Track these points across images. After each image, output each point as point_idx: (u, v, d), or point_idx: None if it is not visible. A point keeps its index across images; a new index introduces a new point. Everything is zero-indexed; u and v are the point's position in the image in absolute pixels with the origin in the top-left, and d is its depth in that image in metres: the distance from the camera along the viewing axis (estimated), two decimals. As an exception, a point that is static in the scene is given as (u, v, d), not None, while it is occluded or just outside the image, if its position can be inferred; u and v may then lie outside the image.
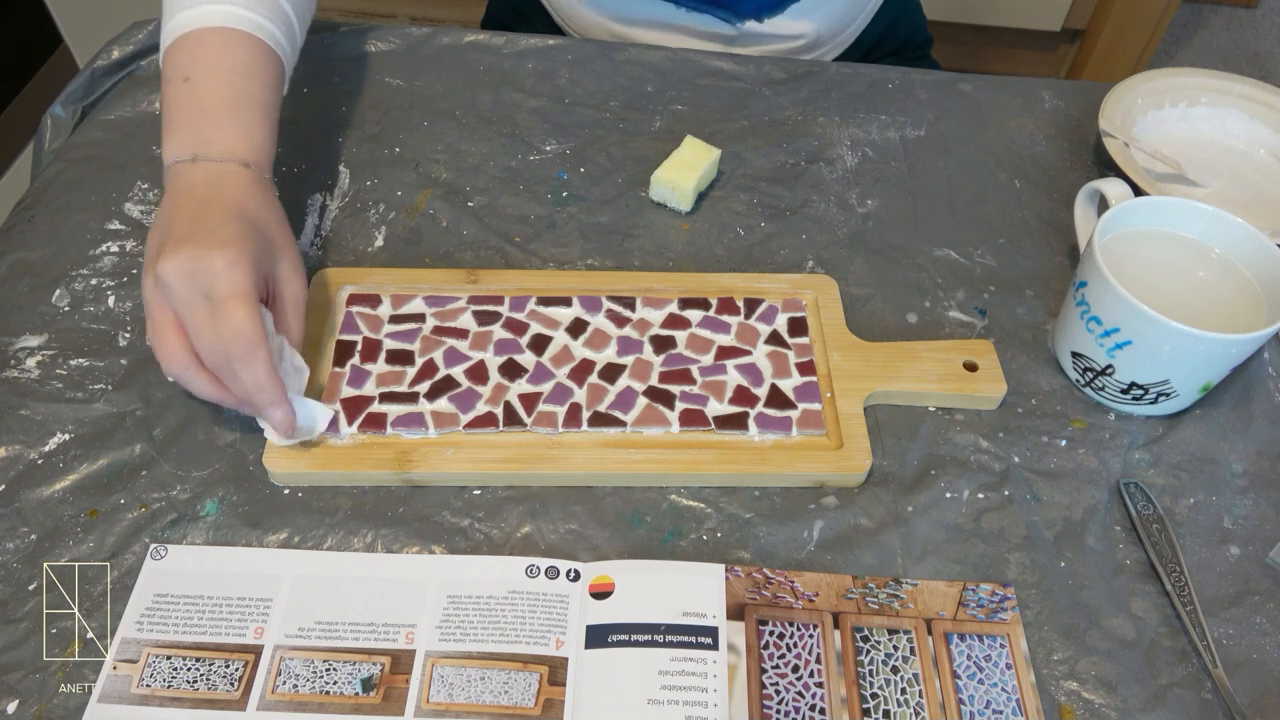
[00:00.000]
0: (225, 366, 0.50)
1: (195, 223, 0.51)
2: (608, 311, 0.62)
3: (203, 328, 0.49)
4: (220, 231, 0.51)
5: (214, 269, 0.49)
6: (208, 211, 0.52)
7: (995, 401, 0.60)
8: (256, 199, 0.55)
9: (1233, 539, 0.56)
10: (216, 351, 0.50)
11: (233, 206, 0.53)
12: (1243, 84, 0.76)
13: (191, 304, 0.49)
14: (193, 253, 0.49)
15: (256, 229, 0.53)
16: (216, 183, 0.54)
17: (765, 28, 0.83)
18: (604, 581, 0.51)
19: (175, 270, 0.49)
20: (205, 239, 0.50)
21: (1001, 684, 0.49)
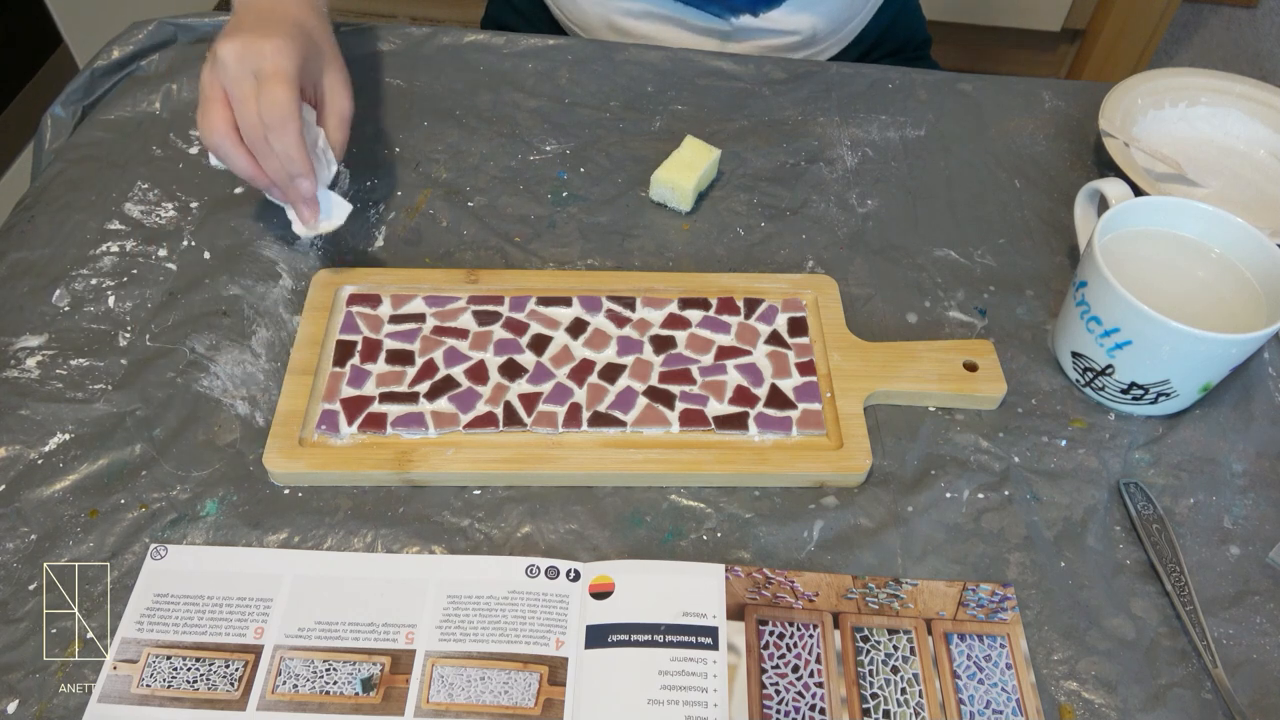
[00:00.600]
0: (261, 141, 0.56)
1: (255, 22, 0.58)
2: (608, 311, 0.62)
3: (246, 101, 0.55)
4: (275, 28, 0.57)
5: (263, 51, 0.55)
6: (268, 18, 0.59)
7: (995, 401, 0.60)
8: (313, 19, 0.61)
9: (1233, 539, 0.56)
10: (255, 125, 0.56)
11: (290, 17, 0.60)
12: (1243, 84, 0.76)
13: (240, 80, 0.55)
14: (247, 38, 0.56)
15: (310, 39, 0.59)
16: (280, 5, 0.61)
17: (761, 22, 0.83)
18: (604, 581, 0.51)
19: (230, 50, 0.55)
20: (261, 30, 0.56)
21: (1001, 684, 0.49)
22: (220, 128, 0.56)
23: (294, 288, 0.64)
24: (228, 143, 0.57)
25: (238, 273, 0.64)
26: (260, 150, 0.56)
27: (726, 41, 0.85)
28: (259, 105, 0.55)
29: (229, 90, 0.56)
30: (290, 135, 0.55)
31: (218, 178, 0.70)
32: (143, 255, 0.65)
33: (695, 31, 0.84)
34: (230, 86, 0.56)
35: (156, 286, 0.63)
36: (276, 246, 0.66)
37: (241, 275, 0.64)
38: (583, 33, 0.88)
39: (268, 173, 0.57)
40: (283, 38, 0.56)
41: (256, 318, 0.62)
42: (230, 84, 0.56)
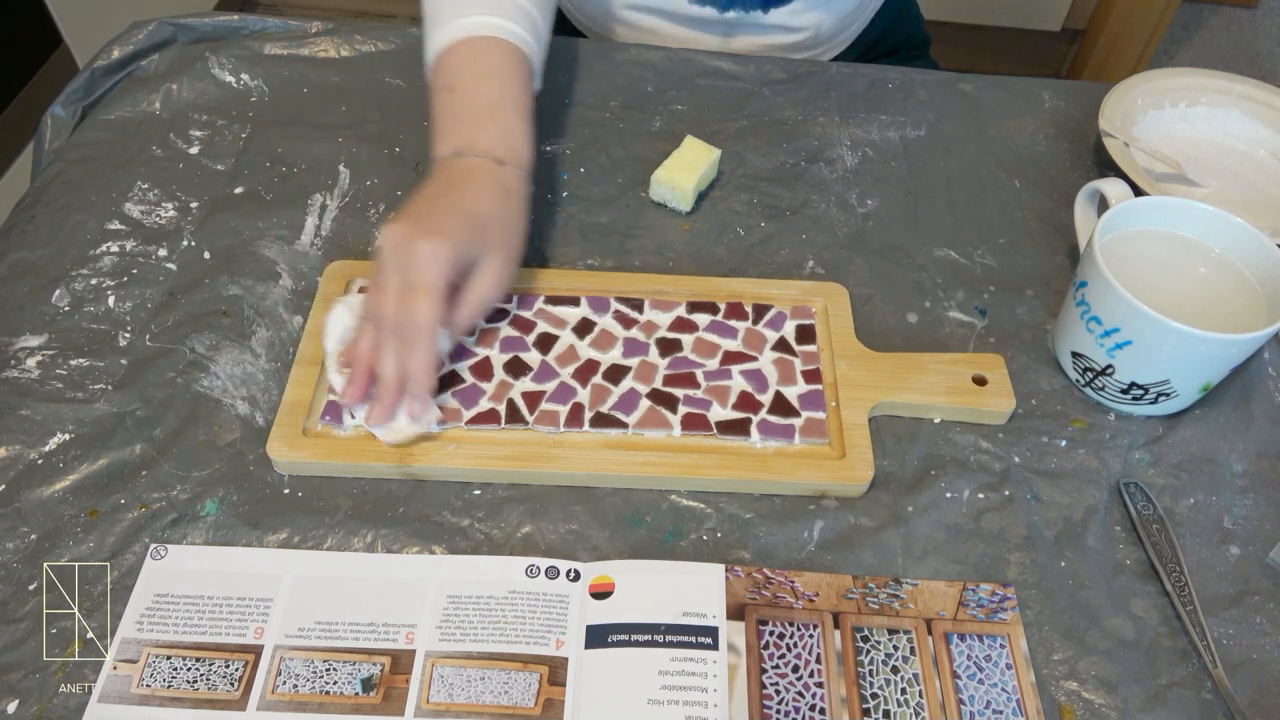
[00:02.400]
0: (384, 337, 0.54)
1: (427, 204, 0.57)
2: (615, 313, 0.62)
3: (387, 297, 0.54)
4: (439, 220, 0.55)
5: (415, 253, 0.53)
6: (444, 198, 0.57)
7: (1003, 417, 0.59)
8: (497, 198, 0.58)
9: (1233, 539, 0.56)
10: (385, 320, 0.54)
11: (467, 201, 0.57)
12: (1243, 84, 0.76)
13: (389, 272, 0.54)
14: (408, 230, 0.54)
15: (477, 226, 0.56)
16: (466, 176, 0.59)
17: (769, 19, 0.82)
18: (604, 581, 0.51)
19: (389, 240, 0.55)
20: (424, 222, 0.55)
21: (1001, 684, 0.49)
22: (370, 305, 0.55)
23: (294, 288, 0.64)
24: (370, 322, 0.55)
25: (238, 273, 0.64)
26: (383, 345, 0.54)
27: (730, 38, 0.85)
28: (396, 310, 0.53)
29: (379, 278, 0.54)
30: (419, 355, 0.54)
31: (217, 177, 0.70)
32: (143, 255, 0.65)
33: (699, 27, 0.84)
34: (380, 275, 0.54)
35: (156, 286, 0.63)
36: (276, 246, 0.66)
37: (241, 275, 0.64)
38: (587, 24, 0.88)
39: (375, 366, 0.55)
40: (441, 237, 0.54)
41: (256, 318, 0.62)
42: (381, 272, 0.54)
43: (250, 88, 0.76)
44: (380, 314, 0.54)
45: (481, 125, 0.61)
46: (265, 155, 0.72)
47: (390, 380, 0.54)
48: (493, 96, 0.62)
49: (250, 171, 0.71)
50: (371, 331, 0.55)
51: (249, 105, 0.75)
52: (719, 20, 0.82)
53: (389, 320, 0.54)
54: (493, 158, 0.59)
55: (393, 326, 0.54)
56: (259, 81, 0.77)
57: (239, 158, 0.71)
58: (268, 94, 0.76)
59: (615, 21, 0.85)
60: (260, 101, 0.75)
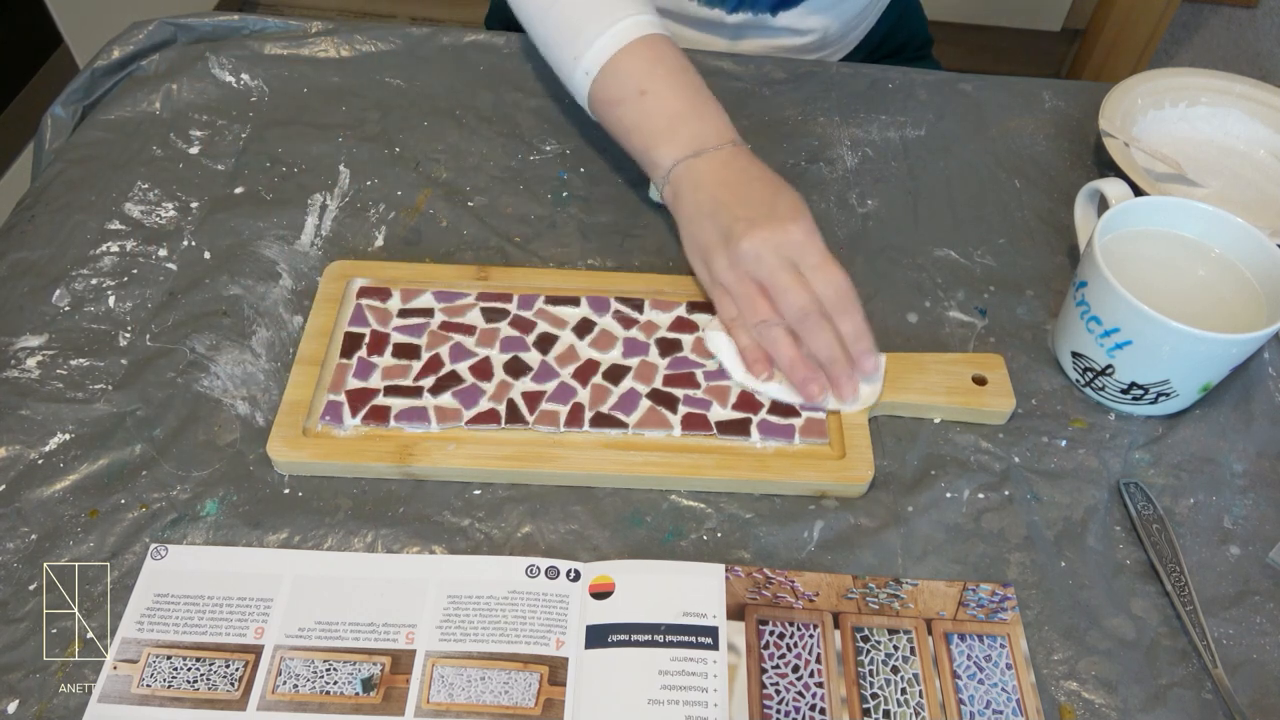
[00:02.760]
0: (808, 322, 0.56)
1: (750, 202, 0.58)
2: (615, 313, 0.62)
3: (792, 289, 0.56)
4: (780, 207, 0.57)
5: (796, 240, 0.56)
6: (748, 192, 0.58)
7: (1003, 417, 0.59)
8: (761, 165, 0.60)
9: (1233, 539, 0.56)
10: (802, 308, 0.56)
11: (768, 179, 0.59)
12: (1243, 84, 0.76)
13: (778, 269, 0.56)
14: (766, 230, 0.56)
15: (786, 188, 0.59)
16: (731, 165, 0.60)
17: (777, 22, 0.82)
18: (604, 581, 0.51)
19: (754, 248, 0.56)
20: (771, 215, 0.57)
21: (1001, 684, 0.49)
22: (769, 314, 0.57)
23: (294, 288, 0.64)
24: (778, 328, 0.57)
25: (238, 273, 0.64)
26: (811, 331, 0.56)
27: (739, 40, 0.85)
28: (817, 289, 0.55)
29: (768, 281, 0.56)
30: (859, 314, 0.56)
31: (217, 177, 0.70)
32: (143, 255, 0.65)
33: (707, 29, 0.84)
34: (769, 277, 0.56)
35: (156, 286, 0.63)
36: (276, 246, 0.66)
37: (241, 275, 0.64)
38: None
39: (815, 351, 0.56)
40: (802, 218, 0.56)
41: (256, 318, 0.62)
42: (768, 275, 0.56)
43: (250, 88, 0.76)
44: (800, 308, 0.56)
45: (703, 117, 0.62)
46: (265, 155, 0.72)
47: (843, 355, 0.56)
48: (691, 89, 0.62)
49: (250, 171, 0.71)
50: (783, 334, 0.57)
51: (249, 105, 0.75)
52: (727, 22, 0.82)
53: (812, 308, 0.56)
54: (729, 142, 0.61)
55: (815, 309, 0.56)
56: (259, 81, 0.77)
57: (239, 158, 0.71)
58: (268, 94, 0.76)
59: None
60: (260, 101, 0.76)
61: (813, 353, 0.56)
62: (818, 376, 0.57)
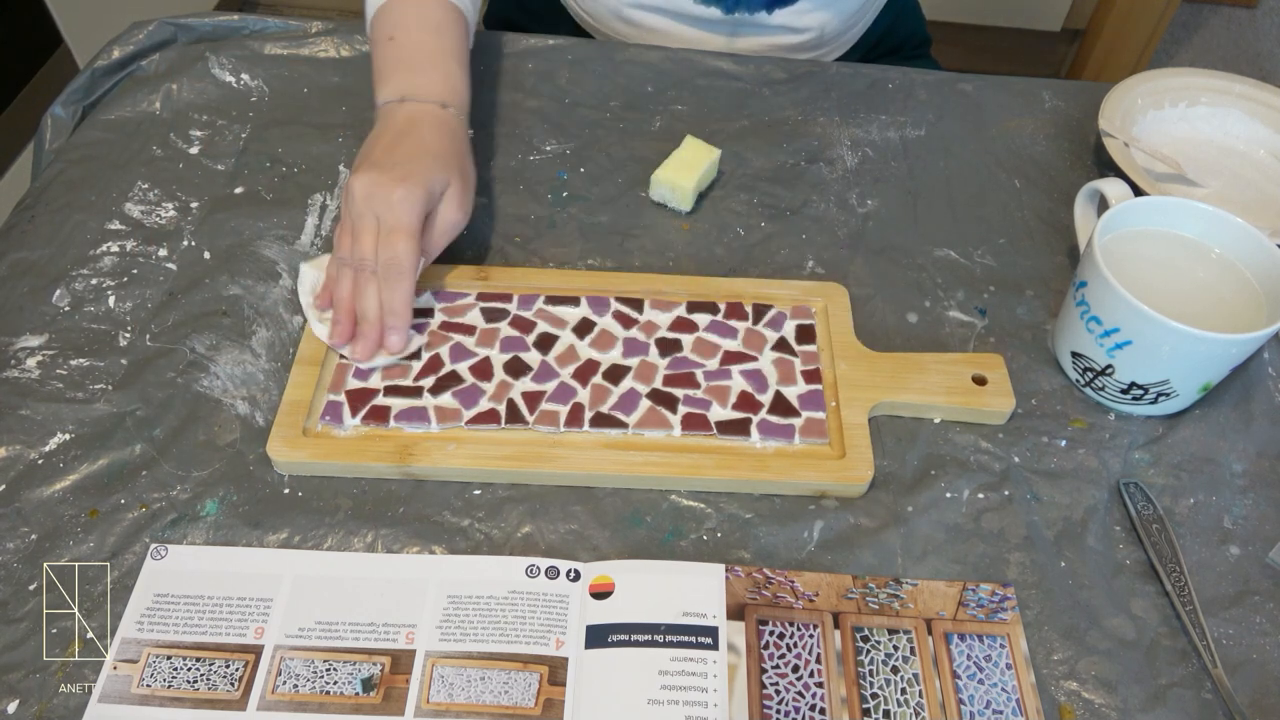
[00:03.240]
0: (361, 278, 0.58)
1: (387, 151, 0.60)
2: (615, 313, 0.62)
3: (365, 240, 0.58)
4: (405, 165, 0.59)
5: (389, 199, 0.57)
6: (401, 144, 0.60)
7: (1003, 416, 0.59)
8: (446, 138, 0.62)
9: (1233, 539, 0.56)
10: (361, 262, 0.58)
11: (423, 143, 0.61)
12: (1243, 84, 0.76)
13: (363, 217, 0.58)
14: (377, 178, 0.58)
15: (438, 163, 0.60)
16: (416, 120, 0.62)
17: (773, 20, 0.82)
18: (604, 581, 0.51)
19: (359, 188, 0.58)
20: (390, 169, 0.58)
21: (1001, 684, 0.49)
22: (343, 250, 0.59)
23: (294, 288, 0.64)
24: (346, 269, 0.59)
25: (238, 273, 0.64)
26: (360, 286, 0.58)
27: (736, 38, 0.85)
28: (378, 251, 0.57)
29: (353, 223, 0.58)
30: (401, 291, 0.57)
31: (217, 177, 0.70)
32: (143, 255, 0.65)
33: (704, 27, 0.84)
34: (354, 221, 0.58)
35: (156, 286, 0.63)
36: (276, 246, 0.66)
37: (241, 275, 0.64)
38: (592, 22, 0.88)
39: (355, 302, 0.58)
40: (410, 181, 0.58)
41: (256, 318, 0.62)
42: (355, 219, 0.58)
43: (250, 88, 0.76)
44: (361, 257, 0.58)
45: (423, 71, 0.64)
46: (265, 155, 0.72)
47: (375, 317, 0.58)
48: (432, 46, 0.65)
49: (250, 171, 0.71)
50: (349, 275, 0.58)
51: (249, 105, 0.75)
52: (724, 20, 0.82)
53: (370, 262, 0.57)
54: (437, 102, 0.63)
55: (374, 267, 0.57)
56: (259, 81, 0.77)
57: (239, 158, 0.71)
58: (268, 94, 0.76)
59: (620, 20, 0.85)
60: (260, 101, 0.75)
61: (356, 307, 0.59)
62: (345, 323, 0.58)
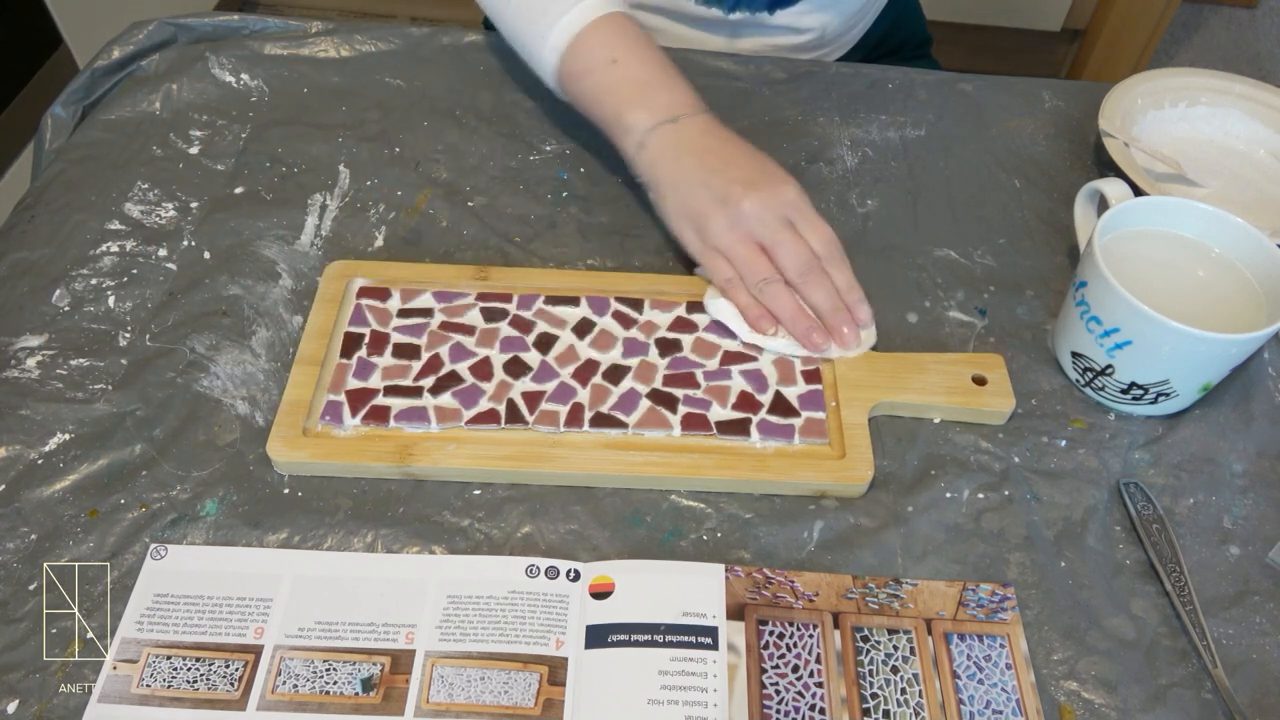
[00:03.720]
0: (810, 275, 0.60)
1: (738, 167, 0.62)
2: (615, 313, 0.62)
3: (790, 244, 0.60)
4: (771, 170, 0.62)
5: (791, 200, 0.61)
6: (737, 156, 0.62)
7: (1003, 417, 0.59)
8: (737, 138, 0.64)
9: (1233, 539, 0.56)
10: (805, 263, 0.60)
11: (747, 147, 0.63)
12: (1243, 84, 0.76)
13: (778, 228, 0.60)
14: (769, 189, 0.60)
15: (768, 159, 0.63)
16: (710, 133, 0.63)
17: (775, 20, 0.82)
18: (604, 581, 0.51)
19: (762, 205, 0.60)
20: (767, 179, 0.61)
21: (1001, 684, 0.49)
22: (769, 271, 0.60)
23: (294, 288, 0.64)
24: (778, 284, 0.60)
25: (238, 273, 0.64)
26: (811, 285, 0.60)
27: (736, 39, 0.85)
28: (810, 244, 0.60)
29: (767, 238, 0.60)
30: (849, 266, 0.61)
31: (217, 177, 0.70)
32: (143, 255, 0.65)
33: (705, 27, 0.84)
34: (769, 235, 0.60)
35: (156, 286, 0.63)
36: (276, 246, 0.66)
37: (241, 275, 0.64)
38: None
39: (816, 303, 0.60)
40: (791, 180, 0.61)
41: (256, 318, 0.62)
42: (768, 233, 0.60)
43: (250, 88, 0.76)
44: (800, 262, 0.59)
45: (673, 87, 0.65)
46: (265, 155, 0.72)
47: (841, 305, 0.60)
48: (659, 60, 0.66)
49: (250, 171, 0.71)
50: (784, 290, 0.60)
51: (249, 105, 0.75)
52: (725, 21, 0.83)
53: (810, 261, 0.60)
54: (703, 111, 0.64)
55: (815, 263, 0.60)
56: (259, 81, 0.77)
57: (239, 158, 0.71)
58: (268, 94, 0.76)
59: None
60: (260, 101, 0.76)
61: (813, 305, 0.60)
62: (818, 326, 0.60)
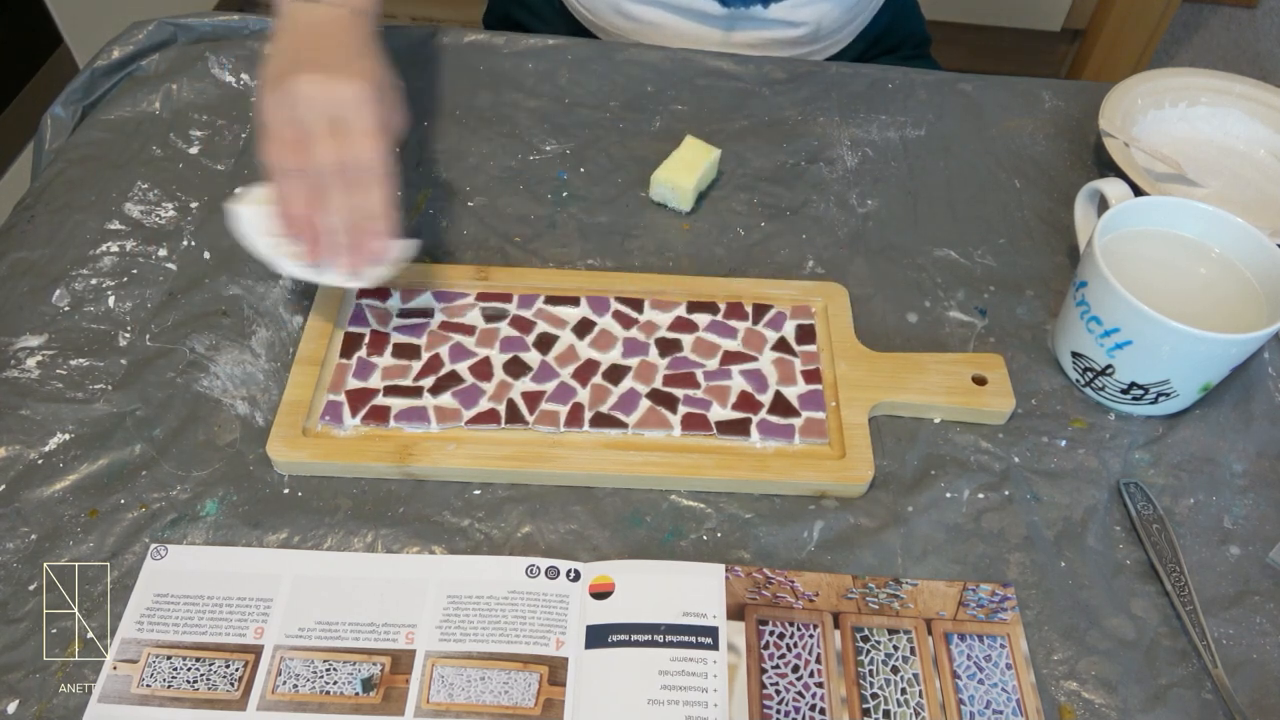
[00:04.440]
0: (331, 184, 0.53)
1: (325, 52, 0.55)
2: (615, 313, 0.62)
3: (325, 144, 0.53)
4: (354, 64, 0.55)
5: (346, 98, 0.53)
6: (335, 45, 0.56)
7: (1003, 416, 0.59)
8: (371, 42, 0.58)
9: (1233, 539, 0.56)
10: (331, 168, 0.53)
11: (357, 44, 0.57)
12: (1243, 84, 0.76)
13: (319, 121, 0.53)
14: (329, 78, 0.53)
15: (377, 64, 0.56)
16: (336, 23, 0.57)
17: (769, 14, 0.82)
18: (604, 581, 0.51)
19: (303, 89, 0.53)
20: (340, 68, 0.54)
21: (1001, 684, 0.49)
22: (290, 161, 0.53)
23: (294, 288, 0.64)
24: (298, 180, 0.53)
25: (238, 273, 0.64)
26: (328, 193, 0.53)
27: (732, 32, 0.85)
28: (342, 158, 0.53)
29: (306, 131, 0.53)
30: (378, 195, 0.54)
31: (217, 177, 0.70)
32: (143, 255, 0.65)
33: (701, 20, 0.84)
34: (308, 128, 0.53)
35: (156, 286, 0.63)
36: (276, 246, 0.66)
37: (241, 275, 0.64)
38: (588, 15, 0.88)
39: (323, 221, 0.54)
40: (365, 80, 0.54)
41: (256, 318, 0.62)
42: (308, 125, 0.53)
43: (250, 88, 0.76)
44: (320, 165, 0.52)
45: None
46: (265, 155, 0.72)
47: (350, 226, 0.54)
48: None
49: (250, 171, 0.71)
50: (302, 188, 0.53)
51: (249, 105, 0.75)
52: (722, 15, 0.83)
53: (329, 167, 0.53)
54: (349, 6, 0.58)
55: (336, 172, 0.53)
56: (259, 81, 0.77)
57: (239, 158, 0.71)
58: (268, 94, 0.76)
59: (618, 14, 0.85)
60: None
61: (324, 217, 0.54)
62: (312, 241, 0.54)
